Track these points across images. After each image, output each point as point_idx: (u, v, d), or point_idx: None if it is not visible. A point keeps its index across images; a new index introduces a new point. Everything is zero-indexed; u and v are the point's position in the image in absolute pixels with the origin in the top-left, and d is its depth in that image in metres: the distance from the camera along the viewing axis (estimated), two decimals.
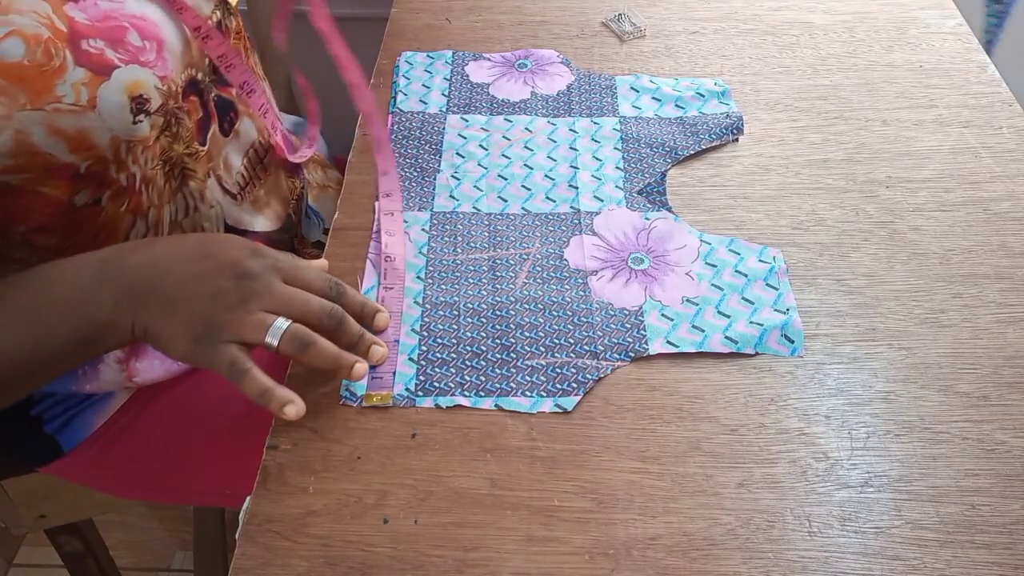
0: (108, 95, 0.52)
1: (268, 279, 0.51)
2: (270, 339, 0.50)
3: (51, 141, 0.50)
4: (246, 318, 0.50)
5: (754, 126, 0.75)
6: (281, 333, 0.50)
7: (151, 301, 0.50)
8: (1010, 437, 0.52)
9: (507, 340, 0.57)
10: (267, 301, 0.50)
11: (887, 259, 0.63)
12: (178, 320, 0.50)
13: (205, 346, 0.50)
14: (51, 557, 1.05)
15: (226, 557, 1.05)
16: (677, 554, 0.47)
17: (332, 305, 0.52)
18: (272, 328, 0.50)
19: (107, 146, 0.53)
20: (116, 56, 0.53)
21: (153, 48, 0.56)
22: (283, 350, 0.50)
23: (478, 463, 0.51)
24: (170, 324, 0.50)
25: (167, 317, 0.50)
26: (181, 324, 0.50)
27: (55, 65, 0.50)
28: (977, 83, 0.79)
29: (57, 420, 0.68)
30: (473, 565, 0.47)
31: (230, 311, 0.50)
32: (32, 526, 0.81)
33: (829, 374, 0.56)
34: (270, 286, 0.51)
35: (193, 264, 0.51)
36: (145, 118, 0.55)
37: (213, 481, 0.73)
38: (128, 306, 0.50)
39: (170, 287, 0.51)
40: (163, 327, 0.50)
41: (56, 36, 0.50)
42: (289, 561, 0.47)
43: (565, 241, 0.64)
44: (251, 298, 0.50)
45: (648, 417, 0.53)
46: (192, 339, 0.50)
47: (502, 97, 0.78)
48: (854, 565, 0.47)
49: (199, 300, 0.50)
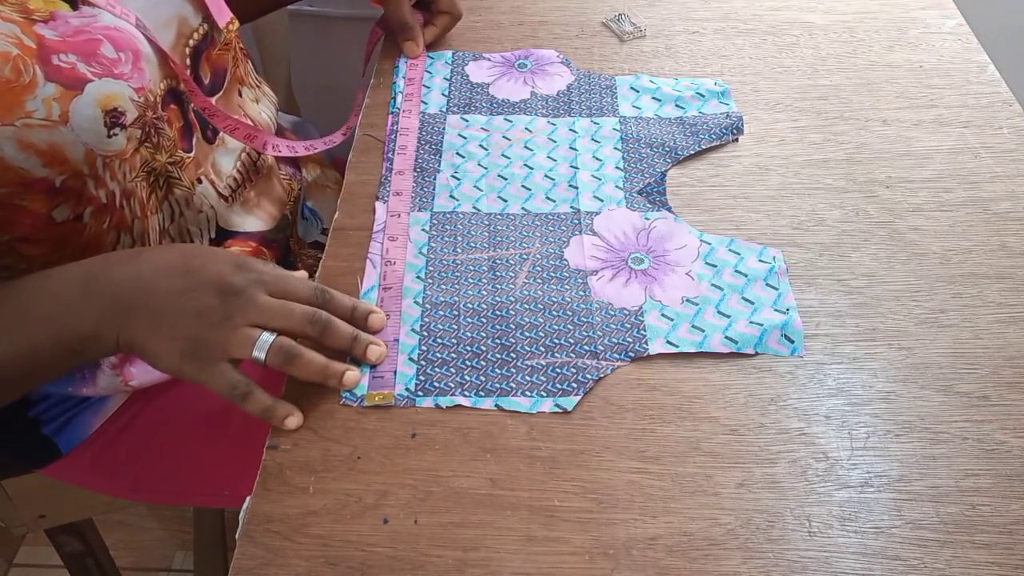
0: (81, 109, 0.52)
1: (252, 293, 0.51)
2: (257, 353, 0.50)
3: (22, 156, 0.50)
4: (232, 335, 0.50)
5: (754, 126, 0.75)
6: (267, 347, 0.50)
7: (135, 316, 0.51)
8: (1010, 437, 0.52)
9: (507, 340, 0.57)
10: (252, 315, 0.51)
11: (887, 259, 0.63)
12: (164, 336, 0.51)
13: (196, 365, 0.51)
14: (51, 557, 1.05)
15: (226, 557, 1.05)
16: (677, 554, 0.47)
17: (314, 311, 0.52)
18: (258, 343, 0.50)
19: (82, 160, 0.53)
20: (89, 70, 0.52)
21: (128, 59, 0.55)
22: (270, 363, 0.51)
23: (478, 463, 0.51)
24: (156, 340, 0.51)
25: (152, 333, 0.51)
26: (167, 340, 0.50)
27: (24, 81, 0.49)
28: (977, 83, 0.79)
29: (55, 422, 0.68)
30: (473, 565, 0.47)
31: (215, 329, 0.50)
32: (32, 526, 0.81)
33: (829, 374, 0.56)
34: (254, 300, 0.51)
35: (177, 280, 0.51)
36: (120, 131, 0.54)
37: (211, 482, 0.73)
38: (112, 320, 0.51)
39: (155, 304, 0.51)
40: (148, 342, 0.51)
41: (25, 52, 0.50)
42: (289, 561, 0.47)
43: (565, 241, 0.64)
44: (235, 314, 0.50)
45: (648, 417, 0.53)
46: (180, 356, 0.50)
47: (502, 97, 0.78)
48: (854, 565, 0.47)
49: (184, 317, 0.50)
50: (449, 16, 0.82)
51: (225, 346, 0.50)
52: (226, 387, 0.51)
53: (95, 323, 0.51)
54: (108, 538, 0.98)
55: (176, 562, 1.26)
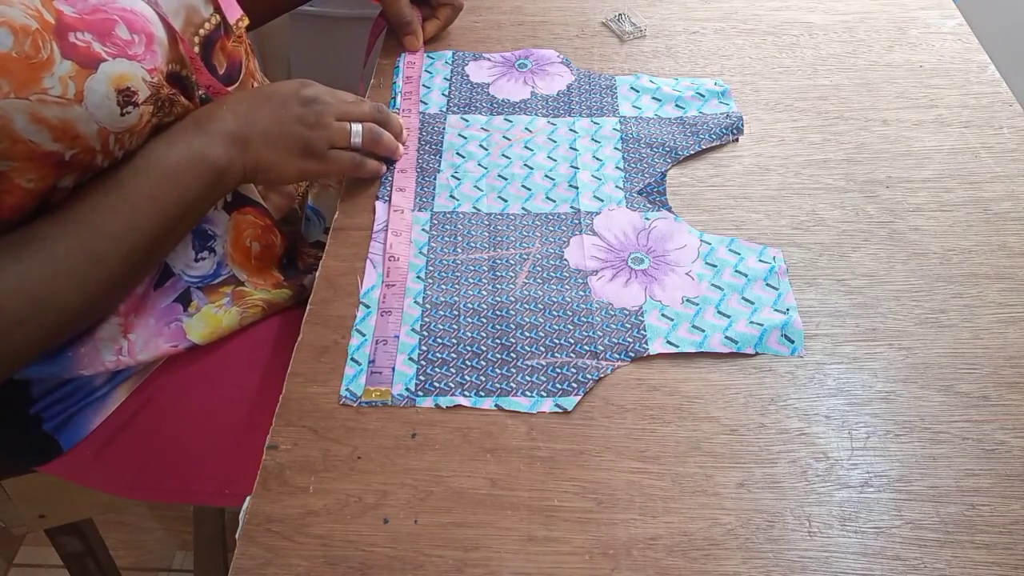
0: (95, 87, 0.52)
1: (326, 98, 0.65)
2: (355, 139, 0.66)
3: (32, 128, 0.50)
4: (329, 130, 0.65)
5: (754, 126, 0.75)
6: (360, 133, 0.66)
7: (252, 141, 0.62)
8: (1010, 437, 0.52)
9: (507, 340, 0.57)
10: (336, 111, 0.65)
11: (887, 259, 0.63)
12: (280, 148, 0.63)
13: (314, 159, 0.64)
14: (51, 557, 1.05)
15: (226, 557, 1.05)
16: (677, 554, 0.47)
17: (378, 104, 0.69)
18: (353, 131, 0.66)
19: (94, 136, 0.54)
20: (104, 49, 0.53)
21: (142, 41, 0.56)
22: (363, 145, 0.66)
23: (478, 463, 0.51)
24: (275, 153, 0.63)
25: (271, 149, 0.63)
26: (283, 150, 0.63)
27: (42, 58, 0.50)
28: (977, 83, 0.79)
29: (56, 419, 0.68)
30: (473, 565, 0.47)
31: (315, 128, 0.64)
32: (32, 526, 0.81)
33: (829, 374, 0.56)
34: (331, 102, 0.65)
35: (266, 106, 0.63)
36: (133, 109, 0.55)
37: (212, 481, 0.73)
38: (237, 150, 0.61)
39: (260, 126, 0.62)
40: (271, 157, 0.63)
41: (44, 27, 0.50)
42: (289, 561, 0.47)
43: (565, 241, 0.64)
44: (323, 113, 0.64)
45: (648, 417, 0.53)
46: (299, 157, 0.64)
47: (502, 97, 0.78)
48: (854, 565, 0.47)
49: (288, 126, 0.63)
50: (451, 7, 0.84)
51: (329, 138, 0.65)
52: (348, 163, 0.66)
53: (224, 153, 0.60)
54: (108, 538, 0.98)
55: (176, 562, 1.26)
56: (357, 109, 0.67)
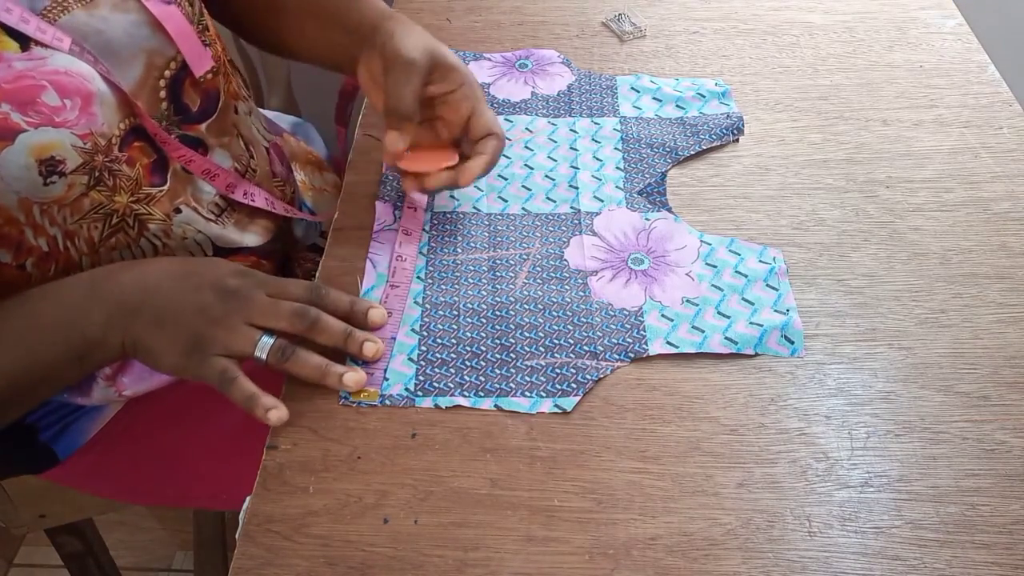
0: (12, 159, 0.50)
1: (248, 293, 0.54)
2: (259, 353, 0.52)
3: None
4: (232, 333, 0.53)
5: (754, 126, 0.75)
6: (268, 348, 0.52)
7: (141, 316, 0.53)
8: (1010, 437, 0.52)
9: (507, 340, 0.57)
10: (247, 313, 0.53)
11: (887, 259, 0.63)
12: (168, 334, 0.53)
13: (196, 358, 0.52)
14: (51, 557, 1.05)
15: (226, 557, 1.05)
16: (677, 554, 0.47)
17: (302, 306, 0.54)
18: (259, 344, 0.52)
19: (16, 208, 0.52)
20: (23, 119, 0.50)
21: (75, 105, 0.53)
22: (271, 363, 0.53)
23: (478, 463, 0.51)
24: (160, 338, 0.53)
25: (157, 331, 0.53)
26: (171, 338, 0.53)
27: None
28: (977, 83, 0.79)
29: (52, 428, 0.68)
30: (473, 565, 0.47)
31: (215, 325, 0.53)
32: (32, 526, 0.81)
33: (829, 374, 0.56)
34: (250, 298, 0.54)
35: (180, 281, 0.54)
36: (59, 179, 0.53)
37: (208, 486, 0.73)
38: (119, 322, 0.53)
39: (158, 301, 0.53)
40: (153, 341, 0.53)
41: None
42: (289, 561, 0.47)
43: (565, 241, 0.64)
44: (233, 312, 0.53)
45: (648, 417, 0.53)
46: (182, 353, 0.53)
47: (502, 97, 0.78)
48: (854, 565, 0.47)
49: (186, 315, 0.53)
50: (495, 136, 0.64)
51: (225, 342, 0.52)
52: (217, 373, 0.52)
53: (103, 326, 0.53)
54: (108, 538, 0.98)
55: (176, 562, 1.26)
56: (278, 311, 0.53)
